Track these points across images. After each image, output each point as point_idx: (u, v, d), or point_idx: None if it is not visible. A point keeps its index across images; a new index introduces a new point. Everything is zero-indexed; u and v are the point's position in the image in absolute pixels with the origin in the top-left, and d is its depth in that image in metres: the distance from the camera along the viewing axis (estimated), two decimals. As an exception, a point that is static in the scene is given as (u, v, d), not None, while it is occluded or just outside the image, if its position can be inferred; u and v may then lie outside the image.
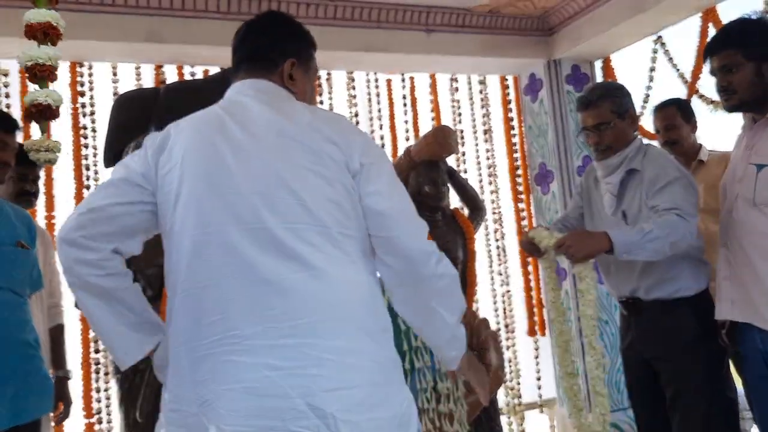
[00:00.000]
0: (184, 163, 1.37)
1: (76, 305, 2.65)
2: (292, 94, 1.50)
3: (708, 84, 2.96)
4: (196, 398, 1.27)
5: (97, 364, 3.31)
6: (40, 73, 2.10)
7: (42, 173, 2.86)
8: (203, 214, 1.33)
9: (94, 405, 3.30)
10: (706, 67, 2.24)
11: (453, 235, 3.36)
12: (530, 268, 4.37)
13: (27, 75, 2.14)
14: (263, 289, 1.27)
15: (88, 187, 3.41)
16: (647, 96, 4.03)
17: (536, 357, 4.30)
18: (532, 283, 4.37)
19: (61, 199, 3.31)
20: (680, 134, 3.11)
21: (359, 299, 1.32)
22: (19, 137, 2.22)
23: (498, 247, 4.32)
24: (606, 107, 2.43)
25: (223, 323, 1.27)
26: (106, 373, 3.23)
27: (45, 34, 2.13)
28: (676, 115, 3.11)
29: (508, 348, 4.15)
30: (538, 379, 4.28)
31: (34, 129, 2.32)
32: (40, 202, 3.16)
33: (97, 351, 3.32)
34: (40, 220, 3.17)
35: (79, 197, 3.39)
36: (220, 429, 1.23)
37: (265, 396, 1.22)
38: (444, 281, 1.39)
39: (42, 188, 3.17)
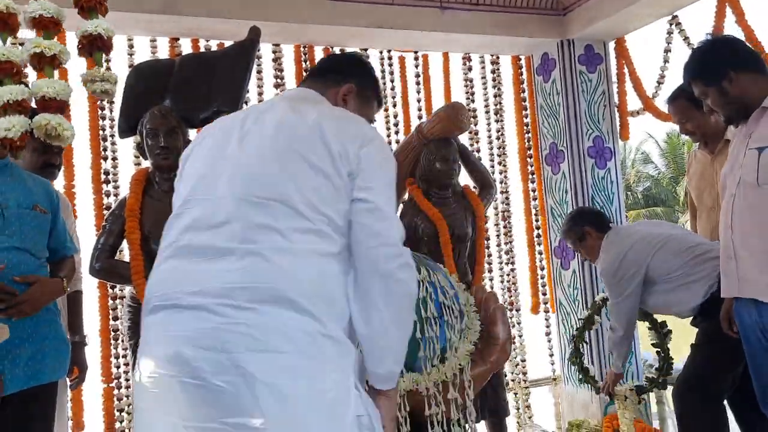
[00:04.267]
0: (203, 142, 1.59)
1: (91, 272, 2.73)
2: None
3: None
4: (147, 339, 1.41)
5: (116, 331, 3.38)
6: (87, 5, 2.06)
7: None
8: (192, 182, 1.50)
9: (113, 371, 3.38)
10: None
11: (463, 213, 3.40)
12: (539, 248, 4.39)
13: (77, 10, 2.09)
14: (214, 253, 1.36)
15: (105, 158, 3.45)
16: (662, 77, 4.02)
17: (546, 335, 4.35)
18: (539, 263, 4.39)
19: (79, 169, 3.35)
20: (696, 124, 3.12)
21: (309, 278, 1.35)
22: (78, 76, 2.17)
23: (506, 226, 4.35)
24: (569, 238, 3.34)
25: (173, 278, 1.40)
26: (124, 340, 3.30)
27: None
28: (686, 108, 3.10)
29: (514, 326, 4.18)
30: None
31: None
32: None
33: (115, 318, 3.38)
34: (59, 189, 3.21)
35: (96, 167, 3.44)
36: (154, 371, 1.34)
37: (198, 347, 1.30)
38: (401, 287, 1.46)
39: (61, 158, 3.22)
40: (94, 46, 2.05)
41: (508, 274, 4.31)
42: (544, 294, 4.35)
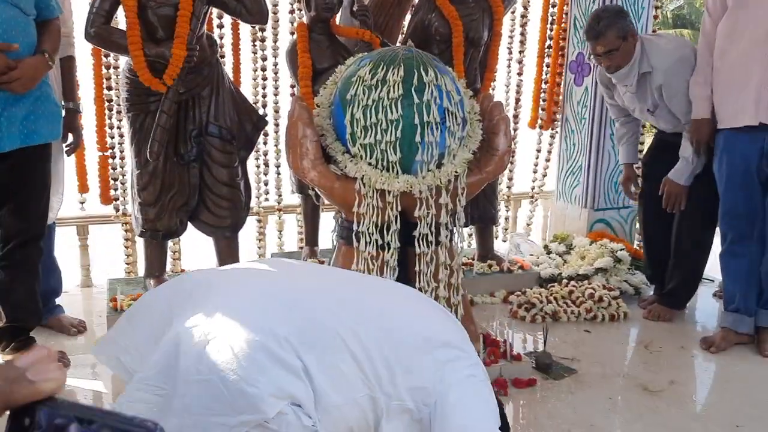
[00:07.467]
0: None
1: (86, 37, 2.62)
2: None
3: None
4: None
5: (110, 101, 3.32)
6: None
7: None
8: None
9: (108, 141, 3.37)
10: None
11: (480, 14, 3.22)
12: (547, 60, 4.19)
13: None
14: None
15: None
16: None
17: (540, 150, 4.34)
18: (545, 76, 4.21)
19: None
20: None
21: None
22: None
23: (522, 34, 4.12)
24: (612, 35, 2.90)
25: None
26: (119, 111, 3.25)
27: None
28: None
29: (514, 138, 4.14)
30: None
31: None
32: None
33: (109, 88, 3.30)
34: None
35: None
36: None
37: None
38: None
39: None
40: None
41: (517, 85, 4.18)
42: (539, 108, 4.22)
